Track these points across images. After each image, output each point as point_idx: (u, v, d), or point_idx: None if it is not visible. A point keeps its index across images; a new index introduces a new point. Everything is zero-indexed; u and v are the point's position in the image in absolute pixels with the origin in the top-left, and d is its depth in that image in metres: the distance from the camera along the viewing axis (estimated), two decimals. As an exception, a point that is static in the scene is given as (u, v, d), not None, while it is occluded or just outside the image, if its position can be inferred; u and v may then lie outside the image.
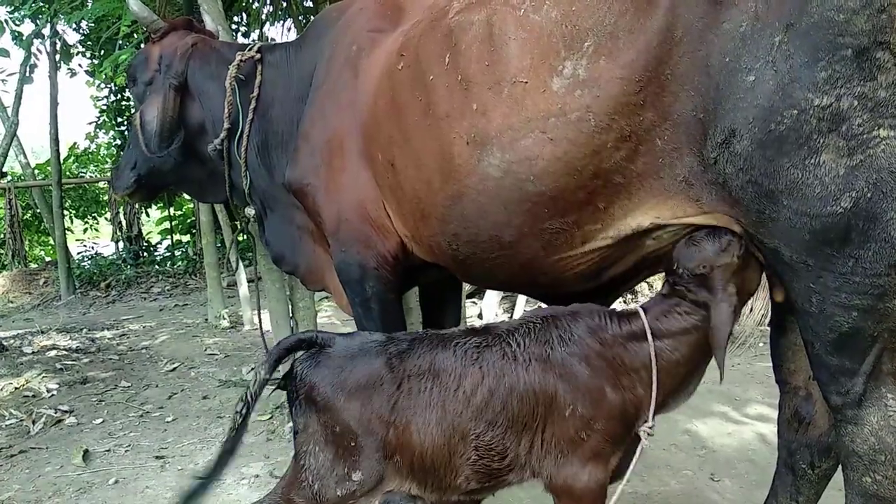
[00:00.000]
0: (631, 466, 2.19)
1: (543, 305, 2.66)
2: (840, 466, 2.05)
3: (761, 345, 5.96)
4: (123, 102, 13.67)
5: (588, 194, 2.11)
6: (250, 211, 3.69)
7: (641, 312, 2.16)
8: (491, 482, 2.15)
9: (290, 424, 2.29)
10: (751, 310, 6.32)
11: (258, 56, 3.36)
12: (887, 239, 1.66)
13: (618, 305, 2.41)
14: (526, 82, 2.12)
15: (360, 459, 2.09)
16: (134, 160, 3.67)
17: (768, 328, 2.40)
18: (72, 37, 11.41)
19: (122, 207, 13.21)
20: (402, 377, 2.12)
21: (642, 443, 2.15)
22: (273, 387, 2.23)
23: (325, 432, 2.11)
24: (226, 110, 3.32)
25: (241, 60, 3.31)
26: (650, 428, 2.14)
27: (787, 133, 1.69)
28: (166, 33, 3.62)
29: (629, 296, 7.21)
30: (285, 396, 2.29)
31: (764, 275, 2.10)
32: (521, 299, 7.33)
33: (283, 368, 2.30)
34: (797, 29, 1.66)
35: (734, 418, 4.63)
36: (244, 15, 10.04)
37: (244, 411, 2.18)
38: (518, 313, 7.27)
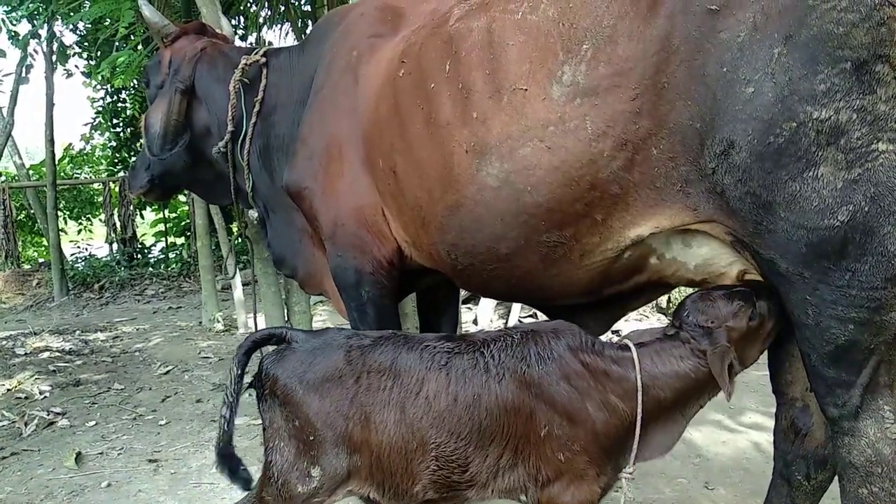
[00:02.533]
0: None
1: (541, 314, 2.66)
2: (836, 478, 2.04)
3: (756, 354, 5.97)
4: (119, 104, 13.68)
5: (585, 206, 2.10)
6: (253, 214, 3.72)
7: (632, 346, 2.15)
8: (449, 494, 2.13)
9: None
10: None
11: (263, 60, 3.39)
12: (884, 253, 1.66)
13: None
14: (525, 90, 2.12)
15: (319, 455, 2.09)
16: (148, 161, 3.73)
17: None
18: (69, 38, 11.41)
19: (116, 209, 13.18)
20: (360, 371, 2.11)
21: (624, 490, 2.16)
22: (248, 386, 2.25)
23: (288, 426, 2.12)
24: (229, 113, 3.36)
25: (245, 64, 3.36)
26: (631, 473, 2.14)
27: (786, 145, 1.69)
28: (177, 38, 3.67)
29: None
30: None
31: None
32: (517, 306, 7.34)
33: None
34: (796, 41, 1.66)
35: (729, 427, 4.64)
36: (242, 18, 10.05)
37: (227, 413, 2.21)
38: (513, 320, 7.28)
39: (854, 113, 1.60)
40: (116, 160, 14.66)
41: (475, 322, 7.58)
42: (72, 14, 8.03)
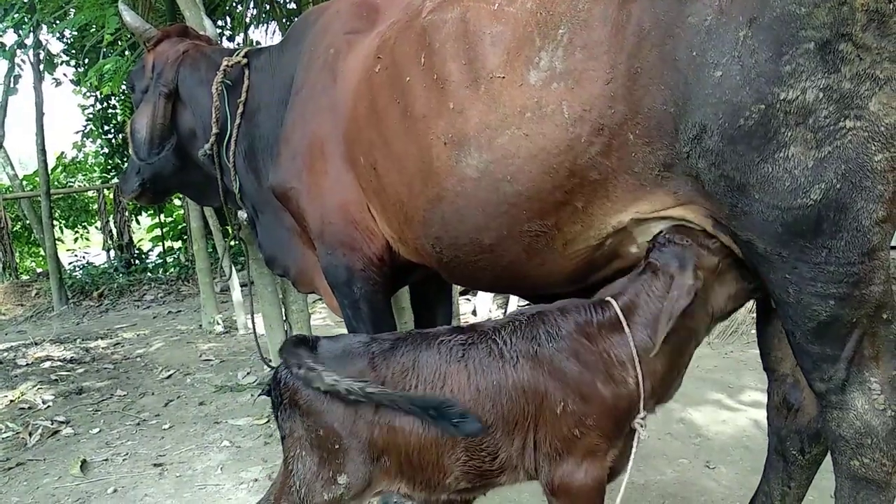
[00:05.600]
0: (630, 460, 2.16)
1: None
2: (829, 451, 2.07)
3: (753, 332, 5.99)
4: (110, 110, 13.65)
5: (565, 193, 2.11)
6: (243, 214, 3.73)
7: (613, 302, 2.13)
8: (482, 482, 2.13)
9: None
10: (742, 296, 6.36)
11: (245, 61, 3.39)
12: (858, 228, 1.68)
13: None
14: (503, 77, 2.12)
15: (345, 462, 2.08)
16: (138, 166, 3.76)
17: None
18: (55, 46, 11.37)
19: (112, 216, 13.19)
20: (385, 376, 2.10)
21: (638, 433, 2.12)
22: (259, 393, 2.25)
23: (310, 436, 2.10)
24: (213, 116, 3.36)
25: (227, 66, 3.36)
26: (643, 419, 2.11)
27: (756, 127, 1.70)
28: (160, 41, 3.68)
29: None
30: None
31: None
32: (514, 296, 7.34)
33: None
34: (760, 23, 1.66)
35: (728, 405, 4.67)
36: (228, 18, 10.02)
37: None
38: (511, 309, 7.29)
39: (820, 92, 1.61)
40: (109, 167, 14.64)
41: (474, 313, 7.61)
42: (57, 22, 8.01)
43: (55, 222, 13.16)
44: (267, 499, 2.24)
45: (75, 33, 10.07)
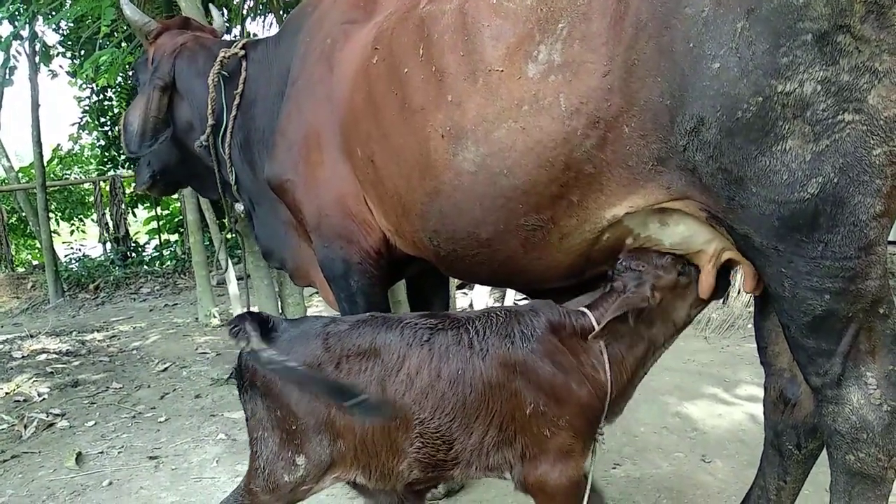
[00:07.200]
0: (590, 474, 2.21)
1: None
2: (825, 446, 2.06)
3: (750, 326, 6.00)
4: (106, 102, 13.60)
5: (561, 187, 2.09)
6: (240, 207, 3.72)
7: (588, 313, 2.19)
8: (435, 472, 2.14)
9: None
10: (738, 292, 6.37)
11: (242, 52, 3.38)
12: (855, 222, 1.67)
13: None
14: (501, 70, 2.11)
15: (302, 442, 2.09)
16: (149, 158, 3.78)
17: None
18: (51, 37, 11.33)
19: (108, 208, 13.15)
20: (339, 357, 2.10)
21: (597, 447, 2.19)
22: (227, 378, 2.25)
23: (270, 417, 2.12)
24: (209, 107, 3.36)
25: (224, 57, 3.35)
26: (601, 433, 2.20)
27: (754, 120, 1.69)
28: (160, 34, 3.69)
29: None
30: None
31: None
32: (511, 290, 7.34)
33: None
34: (758, 14, 1.65)
35: (724, 399, 4.68)
36: (225, 10, 9.99)
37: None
38: (508, 304, 7.28)
39: (818, 84, 1.60)
40: (106, 159, 14.60)
41: (471, 307, 7.60)
42: (53, 14, 7.98)
43: (51, 215, 13.10)
44: (239, 486, 2.25)
45: (71, 24, 10.04)
